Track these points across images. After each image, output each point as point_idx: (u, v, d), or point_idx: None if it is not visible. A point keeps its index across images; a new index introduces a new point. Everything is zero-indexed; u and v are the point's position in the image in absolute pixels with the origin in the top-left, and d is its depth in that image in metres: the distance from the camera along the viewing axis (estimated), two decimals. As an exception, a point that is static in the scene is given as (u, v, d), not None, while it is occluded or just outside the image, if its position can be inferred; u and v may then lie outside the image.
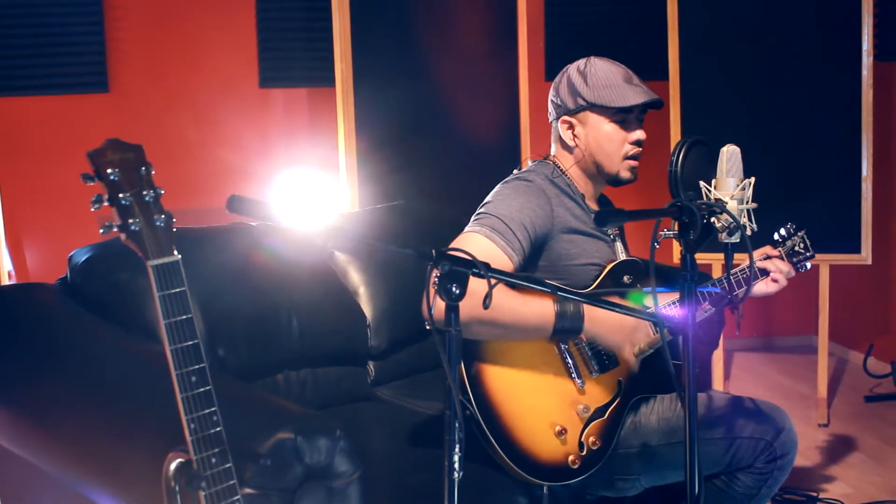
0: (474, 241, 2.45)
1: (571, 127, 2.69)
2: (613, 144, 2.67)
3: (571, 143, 2.70)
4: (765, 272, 2.75)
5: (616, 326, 2.53)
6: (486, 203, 2.60)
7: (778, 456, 2.60)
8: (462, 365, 2.36)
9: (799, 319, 5.73)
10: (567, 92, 2.67)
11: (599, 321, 2.50)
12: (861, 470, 3.97)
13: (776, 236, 2.86)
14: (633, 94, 2.62)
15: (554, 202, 2.61)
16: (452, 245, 2.41)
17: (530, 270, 2.61)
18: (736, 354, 5.64)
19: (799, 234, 2.87)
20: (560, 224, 2.61)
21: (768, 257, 2.78)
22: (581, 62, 2.70)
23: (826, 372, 4.58)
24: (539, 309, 2.44)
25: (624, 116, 2.65)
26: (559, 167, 2.73)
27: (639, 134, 2.68)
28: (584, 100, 2.64)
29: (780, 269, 2.73)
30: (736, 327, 2.62)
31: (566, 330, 2.46)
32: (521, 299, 2.42)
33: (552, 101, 2.74)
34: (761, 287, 2.75)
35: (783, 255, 2.82)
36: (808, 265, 2.87)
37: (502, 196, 2.59)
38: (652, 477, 2.64)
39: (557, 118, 2.72)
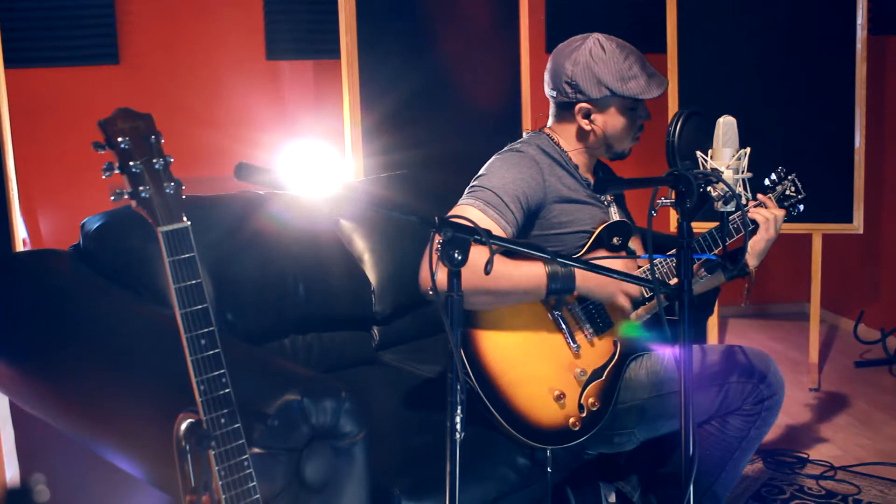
0: (468, 214, 2.44)
1: (588, 114, 2.67)
2: (627, 129, 2.70)
3: (587, 129, 2.69)
4: (755, 226, 2.68)
5: (605, 279, 2.53)
6: (479, 175, 2.61)
7: (766, 397, 2.65)
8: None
9: (792, 287, 5.73)
10: (590, 80, 2.62)
11: (590, 276, 2.51)
12: (850, 433, 4.02)
13: (767, 181, 2.83)
14: (656, 84, 2.62)
15: (546, 172, 2.62)
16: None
17: (523, 238, 2.62)
18: (730, 321, 5.66)
19: (789, 177, 2.84)
20: (553, 194, 2.62)
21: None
22: (592, 45, 2.63)
23: (817, 338, 4.61)
24: (531, 272, 2.45)
25: (639, 103, 2.68)
26: (553, 139, 2.73)
27: (646, 116, 2.72)
28: (609, 90, 2.61)
29: (766, 217, 2.66)
30: (744, 295, 2.66)
31: (559, 290, 2.47)
32: (513, 264, 2.44)
33: (566, 82, 2.66)
34: (757, 241, 2.66)
35: (772, 199, 2.78)
36: (801, 207, 2.84)
37: (495, 168, 2.60)
38: (646, 429, 2.69)
39: (574, 103, 2.67)
